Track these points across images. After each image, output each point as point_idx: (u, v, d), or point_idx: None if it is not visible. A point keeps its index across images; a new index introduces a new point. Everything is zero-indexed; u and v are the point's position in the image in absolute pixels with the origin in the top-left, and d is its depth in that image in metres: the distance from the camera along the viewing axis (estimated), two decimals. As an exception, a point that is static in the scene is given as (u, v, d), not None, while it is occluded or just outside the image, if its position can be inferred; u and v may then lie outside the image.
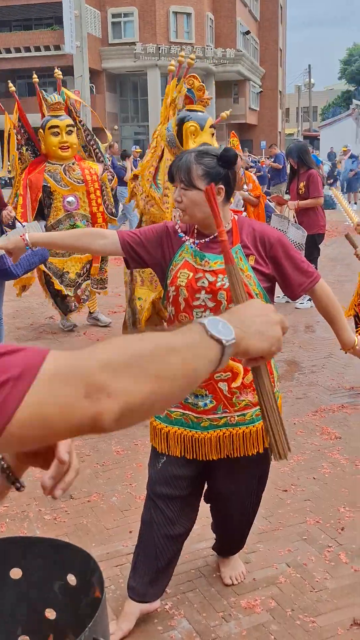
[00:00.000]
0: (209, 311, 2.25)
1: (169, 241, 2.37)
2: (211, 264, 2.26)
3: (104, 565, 2.84)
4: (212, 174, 2.22)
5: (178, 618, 2.55)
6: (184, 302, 2.28)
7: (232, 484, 2.49)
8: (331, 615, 2.54)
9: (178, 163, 2.25)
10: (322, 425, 4.30)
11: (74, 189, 6.40)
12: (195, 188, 2.21)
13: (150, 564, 2.45)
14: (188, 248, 2.31)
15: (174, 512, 2.44)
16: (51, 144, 6.36)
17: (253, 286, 2.24)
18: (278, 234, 2.35)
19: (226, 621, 2.52)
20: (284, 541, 3.03)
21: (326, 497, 3.41)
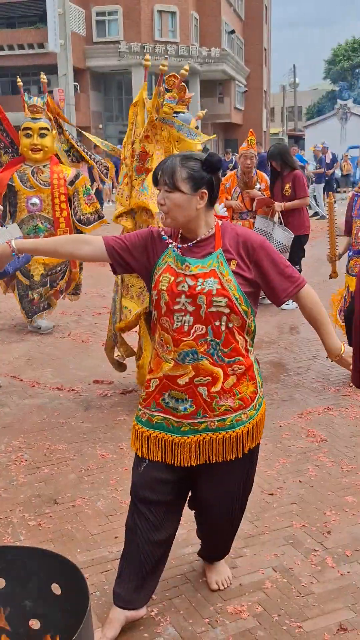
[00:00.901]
0: (189, 315, 2.25)
1: (153, 246, 2.37)
2: (192, 268, 2.26)
3: (89, 572, 2.82)
4: (196, 178, 2.23)
5: (164, 624, 2.53)
6: (165, 306, 2.28)
7: (216, 491, 2.48)
8: (318, 620, 2.54)
9: (163, 166, 2.26)
10: (307, 428, 4.31)
11: (39, 191, 6.42)
12: (179, 191, 2.22)
13: (135, 570, 2.44)
14: (171, 252, 2.32)
15: (157, 517, 2.43)
16: (23, 145, 6.43)
17: (233, 290, 2.24)
18: (261, 238, 2.35)
19: (212, 627, 2.52)
20: (270, 545, 3.03)
21: (312, 500, 3.41)
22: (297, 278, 2.37)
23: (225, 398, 2.31)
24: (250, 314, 2.31)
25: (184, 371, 2.29)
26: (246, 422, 2.37)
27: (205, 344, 2.26)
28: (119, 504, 3.39)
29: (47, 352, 6.13)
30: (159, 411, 2.38)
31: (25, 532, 3.15)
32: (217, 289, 2.23)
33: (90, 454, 3.99)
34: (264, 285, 2.35)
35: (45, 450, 4.04)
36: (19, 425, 4.45)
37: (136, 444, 2.46)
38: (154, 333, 2.42)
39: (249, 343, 2.38)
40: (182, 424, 2.34)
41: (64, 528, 3.19)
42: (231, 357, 2.29)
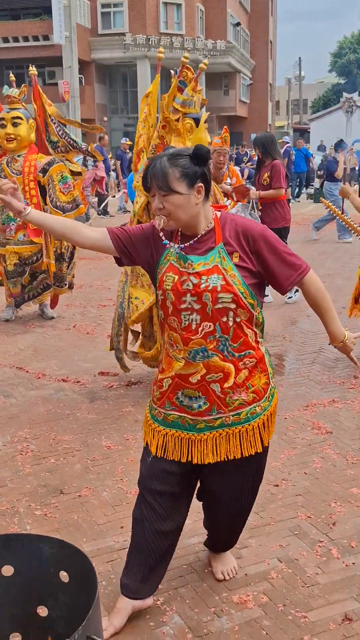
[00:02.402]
0: (195, 313, 2.23)
1: (155, 242, 2.34)
2: (194, 265, 2.24)
3: (96, 561, 2.83)
4: (190, 174, 2.18)
5: (170, 614, 2.55)
6: (172, 305, 2.27)
7: (226, 485, 2.49)
8: (323, 611, 2.55)
9: (152, 170, 2.19)
10: (313, 420, 4.31)
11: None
12: (176, 192, 2.18)
13: (142, 560, 2.45)
14: (172, 251, 2.29)
15: (164, 508, 2.44)
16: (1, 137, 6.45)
17: (238, 285, 2.22)
18: (261, 227, 2.31)
19: (218, 617, 2.53)
20: (275, 536, 3.04)
21: (317, 492, 3.41)
22: (300, 265, 2.34)
23: (239, 392, 2.31)
24: (256, 306, 2.29)
25: (195, 369, 2.28)
26: (261, 414, 2.37)
27: (215, 340, 2.25)
28: (124, 494, 3.40)
29: (52, 344, 6.14)
30: (173, 410, 2.37)
31: (31, 522, 3.17)
32: (221, 285, 2.21)
33: (96, 444, 4.00)
34: (266, 274, 2.31)
35: (51, 441, 4.05)
36: (25, 416, 4.46)
37: (152, 442, 2.44)
38: (162, 333, 2.41)
39: (259, 335, 2.37)
40: (198, 422, 2.34)
41: (70, 518, 3.20)
42: (241, 351, 2.29)
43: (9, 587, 1.92)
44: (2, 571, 1.91)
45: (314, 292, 2.39)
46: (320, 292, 2.40)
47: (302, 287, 2.39)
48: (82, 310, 7.44)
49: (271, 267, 2.29)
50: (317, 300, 2.42)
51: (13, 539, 1.94)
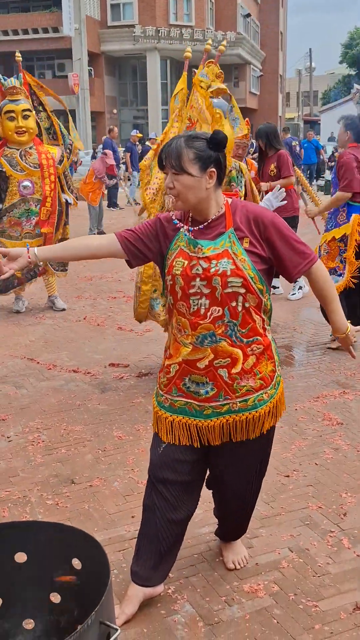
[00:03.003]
0: (204, 298, 2.24)
1: (163, 232, 2.36)
2: (204, 250, 2.24)
3: (107, 550, 2.81)
4: (203, 158, 2.20)
5: (181, 602, 2.56)
6: (181, 290, 2.27)
7: (234, 470, 2.50)
8: (334, 600, 2.55)
9: (168, 149, 2.22)
10: (323, 411, 4.31)
11: (30, 174, 6.44)
12: (187, 173, 2.19)
13: (153, 548, 2.47)
14: (182, 236, 2.30)
15: (175, 497, 2.45)
16: (8, 128, 6.39)
17: (248, 269, 2.22)
18: (272, 215, 2.31)
19: (229, 605, 2.54)
20: (286, 526, 3.04)
21: (328, 482, 3.42)
22: (309, 254, 2.34)
23: (246, 379, 2.32)
24: (265, 292, 2.30)
25: (203, 354, 2.29)
26: (268, 402, 2.37)
27: (223, 325, 2.25)
28: (135, 484, 3.41)
29: (63, 335, 6.16)
30: (180, 396, 2.38)
31: (43, 511, 3.19)
32: (231, 270, 2.21)
33: (107, 435, 4.02)
34: (276, 261, 2.32)
35: (62, 432, 4.07)
36: (36, 406, 4.48)
37: (159, 429, 2.46)
38: (170, 319, 2.41)
39: (266, 322, 2.37)
40: (205, 408, 2.34)
41: (82, 507, 3.22)
42: (249, 337, 2.29)
43: (22, 573, 1.94)
44: (15, 558, 1.93)
45: (321, 282, 2.40)
46: (326, 282, 2.41)
47: (309, 276, 2.39)
48: (93, 302, 7.46)
49: (281, 254, 2.30)
50: (323, 290, 2.42)
51: (26, 526, 1.95)
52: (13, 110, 6.35)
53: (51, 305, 7.14)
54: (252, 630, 2.40)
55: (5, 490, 3.37)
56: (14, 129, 6.37)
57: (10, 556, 1.93)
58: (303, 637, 2.36)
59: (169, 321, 2.43)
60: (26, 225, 6.51)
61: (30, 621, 1.98)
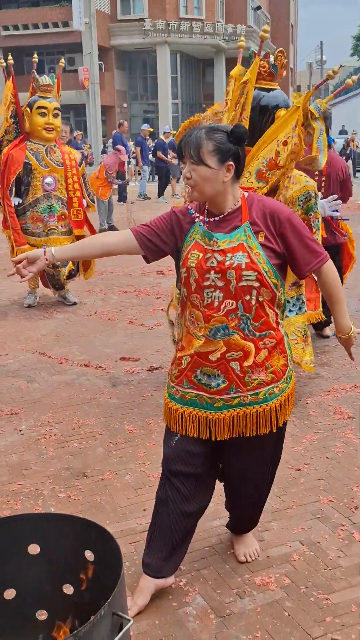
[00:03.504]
0: (218, 291, 2.24)
1: (179, 225, 2.36)
2: (219, 243, 2.25)
3: (119, 543, 2.86)
4: (223, 150, 2.20)
5: (193, 594, 2.57)
6: (195, 283, 2.28)
7: (245, 463, 2.51)
8: (345, 593, 2.56)
9: (188, 139, 2.22)
10: (335, 405, 4.31)
11: (54, 171, 6.51)
12: (205, 164, 2.20)
13: (165, 540, 2.48)
14: (198, 229, 2.31)
15: (189, 489, 2.46)
16: (37, 123, 6.43)
17: (262, 263, 2.23)
18: (289, 211, 2.32)
19: (240, 598, 2.55)
20: (297, 520, 3.05)
21: (339, 476, 3.42)
22: (321, 253, 2.34)
23: (258, 372, 2.32)
24: (280, 287, 2.30)
25: (215, 347, 2.29)
26: (279, 395, 2.38)
27: (236, 318, 2.26)
28: (147, 477, 3.42)
29: (74, 330, 6.19)
30: (191, 388, 2.39)
31: (55, 504, 3.21)
32: (246, 263, 2.22)
33: (118, 428, 4.03)
34: (288, 257, 2.32)
35: (74, 425, 4.09)
36: (48, 400, 4.51)
37: (170, 421, 2.47)
38: (183, 311, 2.42)
39: (279, 316, 2.37)
40: (216, 400, 2.35)
41: (93, 500, 3.24)
42: (262, 331, 2.29)
43: (35, 565, 1.95)
44: (28, 549, 1.95)
45: (329, 282, 2.40)
46: (335, 282, 2.42)
47: (319, 275, 2.39)
48: (104, 296, 7.47)
49: (294, 251, 2.30)
50: (331, 290, 2.42)
51: (39, 518, 1.97)
52: (46, 107, 6.40)
53: (62, 300, 7.16)
54: (264, 622, 2.42)
55: (17, 483, 3.40)
56: (43, 124, 6.41)
57: (23, 548, 1.95)
58: (314, 629, 2.38)
59: (182, 313, 2.43)
60: (49, 221, 6.56)
61: (43, 612, 2.00)
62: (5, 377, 4.97)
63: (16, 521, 1.98)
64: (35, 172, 6.44)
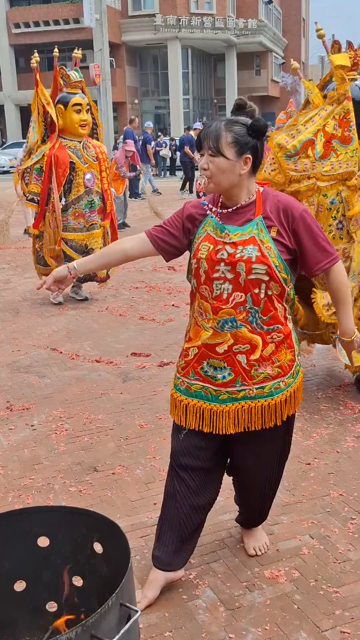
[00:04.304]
0: (228, 283, 2.25)
1: (191, 218, 2.37)
2: (231, 235, 2.25)
3: (129, 537, 2.84)
4: (241, 143, 2.20)
5: (202, 587, 2.59)
6: (204, 274, 2.28)
7: (254, 458, 2.51)
8: (354, 586, 2.56)
9: (207, 130, 2.23)
10: (346, 400, 4.31)
11: (91, 166, 6.57)
12: (223, 155, 2.20)
13: (174, 533, 2.49)
14: (210, 221, 2.31)
15: (197, 483, 2.47)
16: (73, 120, 6.43)
17: (273, 258, 2.23)
18: (302, 208, 2.32)
19: (250, 591, 2.56)
20: (307, 513, 3.05)
21: (350, 470, 3.42)
22: (332, 253, 2.34)
23: (264, 366, 2.32)
24: (289, 282, 2.30)
25: (223, 339, 2.30)
26: (284, 390, 2.38)
27: (244, 311, 2.26)
28: (157, 472, 3.44)
29: (85, 326, 6.21)
30: (197, 380, 2.39)
31: (66, 498, 3.23)
32: (256, 257, 2.22)
33: (129, 423, 4.05)
34: (299, 254, 2.32)
35: (85, 420, 4.12)
36: (59, 396, 4.53)
37: (175, 412, 2.49)
38: (192, 302, 2.43)
39: (288, 311, 2.37)
40: (221, 393, 2.36)
41: (104, 494, 3.26)
42: (270, 324, 2.30)
43: (45, 557, 1.97)
44: (38, 542, 1.97)
45: (337, 282, 2.40)
46: (343, 284, 2.41)
47: (328, 275, 2.38)
48: (115, 292, 7.49)
49: (305, 248, 2.30)
50: (338, 292, 2.41)
51: (49, 511, 1.99)
52: (80, 103, 6.43)
53: (74, 296, 7.18)
54: (273, 615, 2.42)
55: (29, 478, 3.43)
56: (79, 121, 6.44)
57: (33, 540, 1.97)
58: (323, 622, 2.38)
59: (191, 305, 2.44)
60: (91, 216, 6.63)
61: (53, 604, 2.02)
62: (17, 372, 5.00)
63: (27, 514, 2.00)
64: (77, 170, 6.48)
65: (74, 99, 6.41)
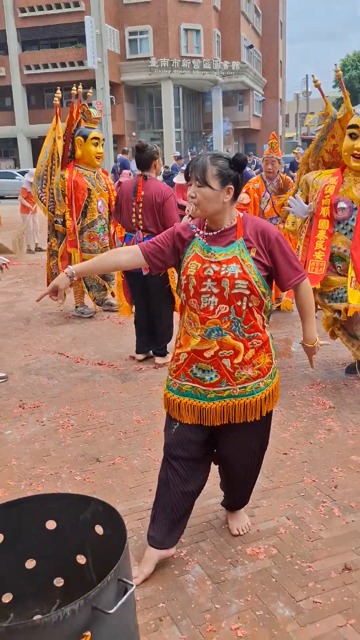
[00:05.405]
0: (214, 296, 2.28)
1: (181, 239, 2.39)
2: (217, 255, 2.28)
3: (127, 519, 2.89)
4: (225, 175, 2.23)
5: (192, 564, 2.60)
6: (193, 289, 2.31)
7: (236, 449, 2.53)
8: (325, 562, 2.58)
9: (195, 163, 2.26)
10: (318, 397, 4.33)
11: (102, 195, 6.53)
12: (208, 186, 2.23)
13: (167, 516, 2.51)
14: (197, 242, 2.34)
15: (187, 471, 2.49)
16: (90, 152, 6.38)
17: (253, 274, 2.26)
18: (277, 232, 2.36)
19: (234, 566, 2.57)
20: (284, 497, 3.07)
21: (321, 459, 3.44)
22: (301, 271, 2.39)
23: (246, 368, 2.35)
24: (267, 295, 2.33)
25: (210, 345, 2.32)
26: (264, 389, 2.40)
27: (229, 321, 2.29)
28: (152, 462, 3.45)
29: (89, 333, 6.22)
30: (188, 381, 2.41)
31: (72, 486, 3.24)
32: (239, 273, 2.25)
33: (127, 419, 4.06)
34: (274, 271, 2.36)
35: (89, 417, 4.12)
36: (66, 395, 4.54)
37: (170, 409, 2.50)
38: (182, 313, 2.45)
39: (266, 320, 2.40)
40: (209, 392, 2.38)
41: (105, 482, 3.27)
42: (251, 332, 2.32)
43: (52, 539, 1.98)
44: (47, 525, 1.98)
45: (304, 297, 2.46)
46: (308, 298, 2.47)
47: (297, 290, 2.44)
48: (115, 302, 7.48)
49: (279, 266, 2.34)
50: (304, 304, 2.48)
51: (56, 497, 2.00)
52: (98, 137, 6.39)
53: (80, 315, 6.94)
54: (254, 587, 2.44)
55: (39, 468, 3.43)
56: (95, 153, 6.40)
57: (42, 523, 1.98)
58: (298, 593, 2.40)
59: (181, 315, 2.46)
60: (104, 239, 6.59)
61: (60, 579, 2.03)
62: (29, 374, 5.00)
63: (37, 501, 2.00)
64: (92, 196, 6.44)
65: (93, 133, 6.36)
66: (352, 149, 4.17)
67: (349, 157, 4.20)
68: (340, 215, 4.23)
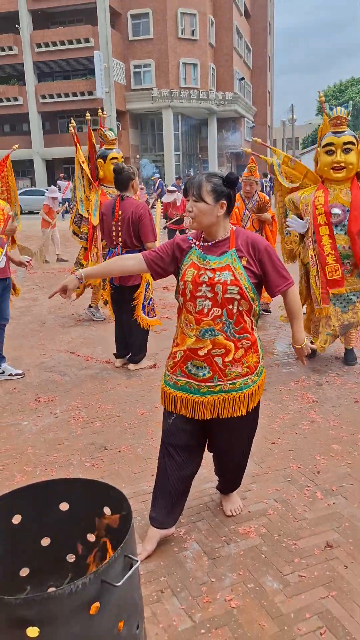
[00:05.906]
0: (208, 300, 2.28)
1: (179, 249, 2.40)
2: (211, 263, 2.29)
3: (132, 502, 2.88)
4: (218, 191, 2.25)
5: (190, 542, 2.59)
6: (189, 293, 2.31)
7: (228, 438, 2.53)
8: (309, 539, 2.58)
9: (192, 181, 2.27)
10: (302, 392, 4.32)
11: None
12: (204, 201, 2.24)
13: (166, 499, 2.50)
14: (195, 252, 2.34)
15: (182, 458, 2.48)
16: (110, 171, 6.21)
17: (243, 281, 2.26)
18: (266, 243, 2.36)
19: (227, 544, 2.57)
20: (272, 482, 3.07)
21: (305, 448, 3.43)
22: (289, 279, 2.40)
23: (236, 366, 2.35)
24: (256, 300, 2.33)
25: (203, 345, 2.32)
26: (251, 385, 2.40)
27: (221, 323, 2.29)
28: (154, 450, 3.44)
29: (98, 334, 6.21)
30: (183, 376, 2.41)
31: (82, 472, 3.23)
32: (231, 280, 2.25)
33: (132, 411, 4.05)
34: (263, 279, 2.36)
35: (97, 409, 4.11)
36: (77, 390, 4.53)
37: (165, 402, 2.50)
38: (179, 315, 2.45)
39: (254, 323, 2.40)
40: (202, 387, 2.38)
41: (112, 468, 3.26)
42: (240, 333, 2.32)
43: (65, 519, 1.98)
44: (60, 507, 1.97)
45: (292, 302, 2.46)
46: (296, 303, 2.46)
47: (285, 296, 2.44)
48: (121, 307, 7.45)
49: (268, 274, 2.34)
50: (292, 309, 2.48)
51: (69, 482, 1.99)
52: (117, 157, 6.26)
53: (91, 317, 6.90)
54: (245, 563, 2.44)
55: (53, 455, 3.42)
56: None
57: (56, 505, 1.97)
58: (285, 568, 2.39)
59: (178, 317, 2.46)
60: None
61: (72, 556, 2.03)
62: (44, 371, 5.00)
63: (51, 485, 2.00)
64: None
65: (112, 154, 6.29)
66: (331, 163, 4.38)
67: (329, 171, 4.42)
68: (336, 220, 4.43)
